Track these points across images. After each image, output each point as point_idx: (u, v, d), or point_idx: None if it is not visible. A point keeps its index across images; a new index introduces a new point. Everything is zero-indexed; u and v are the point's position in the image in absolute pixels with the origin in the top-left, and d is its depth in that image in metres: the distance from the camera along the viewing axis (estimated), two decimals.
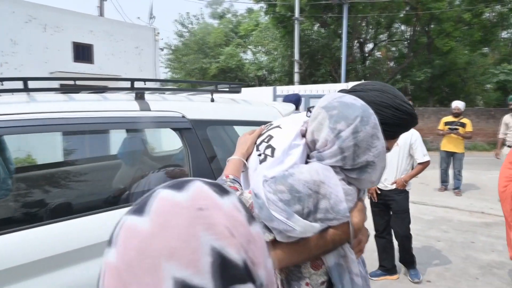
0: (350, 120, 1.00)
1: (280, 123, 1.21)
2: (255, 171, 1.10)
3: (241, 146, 1.20)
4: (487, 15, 16.35)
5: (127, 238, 0.39)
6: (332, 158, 1.02)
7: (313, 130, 1.07)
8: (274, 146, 1.10)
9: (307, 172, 0.99)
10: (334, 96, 1.08)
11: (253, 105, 2.47)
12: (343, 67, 10.38)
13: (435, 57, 17.33)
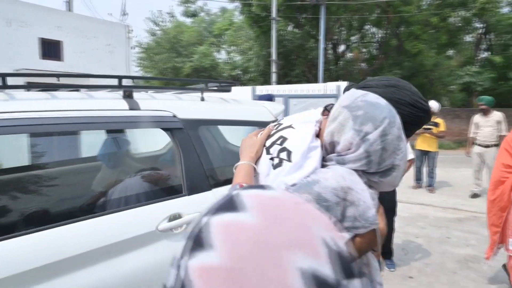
0: (378, 122, 0.93)
1: (291, 122, 1.11)
2: (267, 176, 1.01)
3: (249, 149, 1.09)
4: (452, 19, 17.09)
5: (231, 234, 0.36)
6: (357, 163, 0.94)
7: (333, 131, 0.98)
8: (290, 148, 1.01)
9: (333, 178, 0.91)
10: (357, 95, 0.99)
11: (243, 105, 2.42)
12: (321, 67, 10.50)
13: (404, 59, 17.91)
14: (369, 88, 1.08)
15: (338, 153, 0.98)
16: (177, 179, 1.95)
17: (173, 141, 1.95)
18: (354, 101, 0.97)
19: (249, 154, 1.07)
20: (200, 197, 1.94)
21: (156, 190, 2.03)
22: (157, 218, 1.77)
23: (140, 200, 1.81)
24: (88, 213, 1.65)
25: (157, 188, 2.06)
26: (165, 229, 1.77)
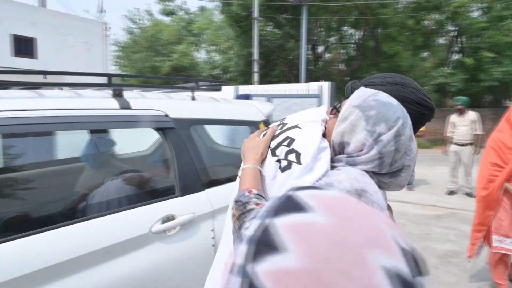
0: (392, 122, 0.90)
1: (295, 122, 1.05)
2: (273, 179, 0.96)
3: (253, 151, 1.03)
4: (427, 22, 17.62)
5: (305, 235, 0.34)
6: (368, 164, 0.91)
7: (343, 131, 0.94)
8: (298, 150, 0.96)
9: (346, 180, 0.87)
10: (368, 93, 0.96)
11: (234, 104, 2.40)
12: (303, 67, 10.58)
13: (381, 60, 18.32)
14: (374, 85, 1.05)
15: (348, 154, 0.95)
16: (170, 179, 1.91)
17: (165, 141, 1.90)
18: (365, 100, 0.94)
19: (253, 157, 1.01)
20: (193, 198, 1.91)
21: (148, 191, 1.98)
22: (150, 220, 1.72)
23: (132, 202, 1.75)
24: (79, 216, 1.58)
25: (149, 189, 2.01)
26: (159, 231, 1.73)
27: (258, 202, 0.89)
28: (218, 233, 1.95)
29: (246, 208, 0.87)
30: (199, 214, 1.89)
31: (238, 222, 0.87)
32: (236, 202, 0.91)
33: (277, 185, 0.95)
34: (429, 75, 17.78)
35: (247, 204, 0.87)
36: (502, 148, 2.78)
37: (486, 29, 16.80)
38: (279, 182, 0.94)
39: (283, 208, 0.37)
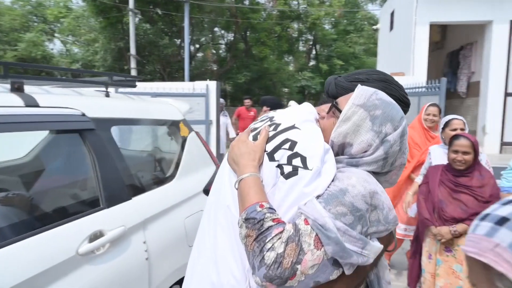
0: (397, 122, 0.89)
1: (291, 122, 0.94)
2: (273, 187, 0.86)
3: (248, 157, 0.90)
4: (291, 30, 19.56)
5: None
6: (373, 165, 0.88)
7: (346, 132, 0.90)
8: (303, 154, 0.86)
9: (359, 183, 0.82)
10: (370, 92, 0.92)
11: (151, 102, 2.21)
12: (186, 66, 10.32)
13: (252, 62, 19.47)
14: (361, 82, 1.02)
15: (351, 155, 0.91)
16: (92, 190, 1.63)
17: (84, 144, 1.61)
18: (369, 99, 0.90)
19: (250, 163, 0.88)
20: (121, 208, 1.68)
21: (67, 206, 1.63)
22: (75, 240, 1.43)
23: (50, 221, 1.42)
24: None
25: (66, 203, 1.66)
26: (87, 251, 1.45)
27: (273, 218, 0.79)
28: (150, 244, 1.76)
29: (263, 227, 0.77)
30: (129, 226, 1.66)
31: (257, 244, 0.76)
32: (247, 220, 0.79)
33: (280, 194, 0.85)
34: (293, 78, 19.81)
35: (263, 221, 0.78)
36: (410, 143, 3.17)
37: (336, 40, 19.74)
38: (283, 191, 0.85)
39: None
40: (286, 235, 0.76)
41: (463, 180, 2.45)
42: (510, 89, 6.86)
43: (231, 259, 0.89)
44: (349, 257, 0.76)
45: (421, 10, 7.03)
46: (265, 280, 0.74)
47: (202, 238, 1.01)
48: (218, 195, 0.98)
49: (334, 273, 0.77)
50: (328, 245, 0.75)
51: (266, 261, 0.74)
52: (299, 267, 0.74)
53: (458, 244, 2.40)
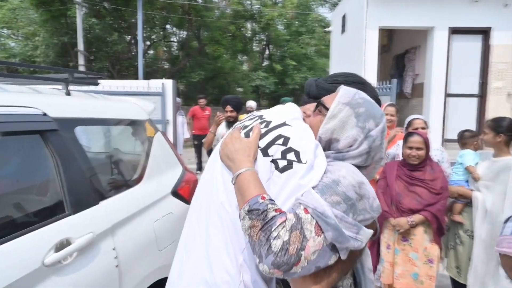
0: (378, 119, 0.97)
1: (282, 119, 1.00)
2: (268, 181, 0.90)
3: (243, 152, 0.93)
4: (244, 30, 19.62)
5: None
6: (357, 159, 0.95)
7: (333, 128, 0.96)
8: (296, 148, 0.91)
9: (349, 174, 0.88)
10: (353, 92, 0.99)
11: (115, 101, 2.11)
12: (140, 63, 9.90)
13: (206, 61, 19.25)
14: (340, 83, 1.07)
15: (338, 150, 0.97)
16: (56, 195, 1.51)
17: (46, 146, 1.49)
18: (353, 98, 0.97)
19: (246, 159, 0.92)
20: (88, 214, 1.58)
21: (29, 214, 1.50)
22: (40, 250, 1.33)
23: (9, 231, 1.30)
24: None
25: (28, 211, 1.52)
26: (53, 262, 1.35)
27: (275, 208, 0.83)
28: (120, 251, 1.68)
29: (268, 217, 0.80)
30: (98, 233, 1.57)
31: (263, 233, 0.79)
32: (251, 211, 0.82)
33: (276, 187, 0.89)
34: (247, 77, 19.89)
35: (267, 212, 0.81)
36: None
37: (289, 41, 20.14)
38: (279, 184, 0.89)
39: None
40: (289, 224, 0.79)
41: (417, 174, 2.63)
42: (449, 91, 7.48)
43: (224, 255, 0.91)
44: (346, 241, 0.81)
45: (371, 15, 7.41)
46: (273, 268, 0.77)
47: (191, 237, 1.02)
48: (210, 193, 0.99)
49: (332, 258, 0.82)
50: (328, 231, 0.79)
51: (273, 249, 0.77)
52: (303, 253, 0.78)
53: (414, 234, 2.57)
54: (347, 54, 9.07)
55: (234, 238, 0.91)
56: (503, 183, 2.48)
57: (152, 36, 19.83)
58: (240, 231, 0.87)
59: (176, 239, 2.15)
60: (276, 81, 19.50)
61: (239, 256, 0.90)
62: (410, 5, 7.34)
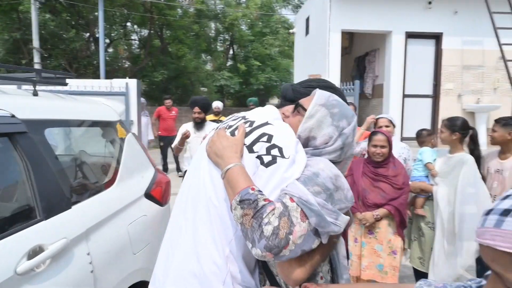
0: (350, 118, 1.08)
1: (264, 119, 1.09)
2: (254, 175, 0.98)
3: (231, 149, 1.01)
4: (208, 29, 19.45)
5: None
6: (332, 154, 1.05)
7: (311, 127, 1.06)
8: (279, 145, 1.00)
9: (327, 168, 0.98)
10: (327, 94, 1.10)
11: (85, 102, 2.05)
12: (102, 62, 9.49)
13: (169, 60, 18.88)
14: (313, 88, 1.17)
15: (315, 146, 1.07)
16: (26, 200, 1.45)
17: (15, 149, 1.43)
18: (328, 100, 1.09)
19: (234, 155, 0.99)
20: (60, 219, 1.53)
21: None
22: (12, 258, 1.27)
23: None
24: None
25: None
26: (26, 270, 1.30)
27: (264, 198, 0.90)
28: (95, 256, 1.64)
29: (258, 205, 0.88)
30: (71, 238, 1.53)
31: (255, 220, 0.86)
32: (242, 201, 0.89)
33: (262, 180, 0.97)
34: (211, 77, 19.74)
35: (257, 201, 0.89)
36: None
37: (253, 42, 20.22)
38: (264, 177, 0.97)
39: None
40: (278, 211, 0.88)
41: (381, 171, 2.77)
42: (406, 91, 7.91)
43: (212, 247, 0.97)
44: (327, 226, 0.90)
45: (333, 18, 7.65)
46: (265, 251, 0.85)
47: (177, 233, 1.07)
48: (197, 190, 1.05)
49: (315, 243, 0.91)
50: (312, 217, 0.89)
51: (265, 234, 0.85)
52: (291, 237, 0.86)
53: (379, 227, 2.72)
54: (311, 55, 9.31)
55: (221, 231, 0.97)
56: (458, 176, 2.69)
57: (112, 33, 19.12)
58: (227, 224, 0.96)
59: (150, 242, 2.15)
60: (241, 81, 19.51)
61: (225, 248, 0.97)
62: (370, 10, 7.67)
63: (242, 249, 0.98)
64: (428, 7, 7.69)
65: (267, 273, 1.05)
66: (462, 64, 7.87)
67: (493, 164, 2.81)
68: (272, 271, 1.04)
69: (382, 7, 7.67)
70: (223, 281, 0.96)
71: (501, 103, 7.81)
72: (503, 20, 6.90)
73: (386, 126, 3.17)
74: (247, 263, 1.01)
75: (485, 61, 7.86)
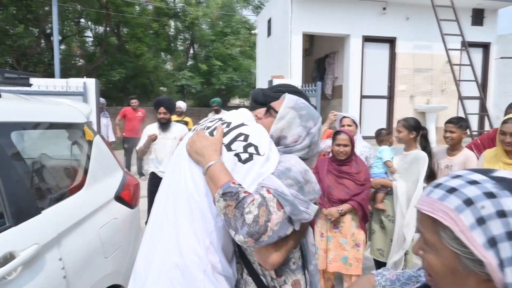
0: (316, 119, 1.22)
1: (239, 120, 1.19)
2: (232, 171, 1.07)
3: (211, 148, 1.09)
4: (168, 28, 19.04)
5: None
6: (301, 151, 1.18)
7: (282, 127, 1.18)
8: (255, 143, 1.10)
9: (296, 163, 1.11)
10: (295, 98, 1.23)
11: (51, 104, 1.99)
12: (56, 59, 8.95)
13: (127, 59, 18.27)
14: (282, 93, 1.30)
15: (286, 145, 1.19)
16: None
17: None
18: (296, 103, 1.21)
19: (214, 153, 1.08)
20: (31, 224, 1.49)
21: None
22: None
23: None
24: None
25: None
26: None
27: (244, 190, 1.00)
28: (67, 261, 1.60)
29: (240, 197, 0.98)
30: (43, 244, 1.48)
31: (238, 210, 0.96)
32: (224, 194, 0.98)
33: (239, 176, 1.06)
34: (172, 76, 19.37)
35: (239, 193, 0.98)
36: None
37: (214, 41, 20.12)
38: (242, 173, 1.07)
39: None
40: (257, 202, 0.98)
41: (344, 168, 2.93)
42: (364, 92, 8.31)
43: (193, 239, 1.05)
44: (300, 214, 1.02)
45: (295, 20, 7.85)
46: (247, 237, 0.95)
47: (157, 229, 1.13)
48: (177, 187, 1.12)
49: (289, 229, 1.03)
50: (286, 206, 1.00)
51: (247, 221, 0.95)
52: (269, 224, 0.97)
53: (343, 221, 2.86)
54: (274, 57, 9.46)
55: (202, 224, 1.05)
56: (415, 172, 2.91)
57: (64, 30, 18.14)
58: (207, 217, 1.05)
59: (121, 245, 2.12)
60: (202, 81, 19.34)
61: (206, 240, 1.05)
62: (329, 14, 7.96)
63: (221, 240, 1.06)
64: (383, 12, 8.12)
65: (245, 262, 1.14)
66: (413, 67, 8.40)
67: (443, 160, 3.07)
68: (249, 259, 1.14)
69: (341, 12, 8.00)
70: (204, 270, 1.03)
71: (448, 103, 8.44)
72: (450, 27, 7.47)
73: (349, 125, 3.34)
74: (225, 253, 1.09)
75: (434, 65, 8.45)
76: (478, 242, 0.56)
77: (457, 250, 0.59)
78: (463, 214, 0.58)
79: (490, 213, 0.56)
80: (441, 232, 0.61)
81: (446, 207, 0.60)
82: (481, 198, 0.58)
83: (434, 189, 0.64)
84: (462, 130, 2.96)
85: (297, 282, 1.14)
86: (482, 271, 0.56)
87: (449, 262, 0.60)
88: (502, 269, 0.54)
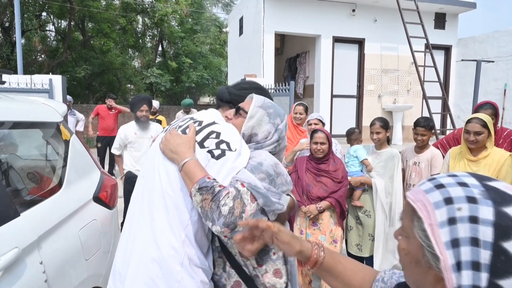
0: (282, 116, 1.31)
1: (210, 119, 1.25)
2: (206, 167, 1.12)
3: (185, 145, 1.14)
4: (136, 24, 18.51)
5: None
6: (271, 146, 1.27)
7: (253, 125, 1.26)
8: (227, 140, 1.17)
9: (267, 158, 1.19)
10: (263, 98, 1.32)
11: (23, 103, 1.90)
12: (19, 55, 8.42)
13: (92, 55, 17.61)
14: (247, 90, 1.39)
15: (257, 142, 1.27)
16: None
17: None
18: (264, 102, 1.30)
19: (188, 151, 1.13)
20: (10, 228, 1.42)
21: None
22: None
23: None
24: None
25: None
26: None
27: (219, 185, 1.06)
28: (48, 264, 1.54)
29: (215, 191, 1.04)
30: (23, 247, 1.42)
31: (214, 203, 1.02)
32: (201, 188, 1.04)
33: (213, 171, 1.12)
34: (140, 74, 18.87)
35: (214, 187, 1.04)
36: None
37: (183, 39, 19.79)
38: (216, 168, 1.13)
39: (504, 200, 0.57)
40: (232, 195, 1.04)
41: (322, 166, 3.00)
42: (334, 92, 8.52)
43: (169, 233, 1.09)
44: (273, 205, 1.10)
45: (267, 19, 7.90)
46: (223, 227, 1.01)
47: (134, 225, 1.17)
48: (152, 184, 1.16)
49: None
50: (260, 198, 1.07)
51: (223, 213, 1.01)
52: (244, 215, 1.03)
53: (322, 219, 2.94)
54: (246, 55, 9.48)
55: (177, 218, 1.09)
56: (391, 169, 3.04)
57: (25, 23, 17.16)
58: (182, 211, 1.09)
59: (101, 247, 2.07)
60: (172, 78, 18.99)
61: (182, 233, 1.08)
62: (301, 14, 8.09)
63: (197, 233, 1.11)
64: (352, 14, 8.36)
65: (227, 256, 1.19)
66: (381, 67, 8.72)
67: (411, 158, 3.23)
68: (231, 252, 1.19)
69: (312, 12, 8.15)
70: (181, 263, 1.07)
71: (413, 103, 8.84)
72: (415, 30, 7.82)
73: (315, 124, 3.43)
74: (201, 246, 1.13)
75: (400, 66, 8.81)
76: (441, 239, 0.57)
77: (422, 241, 0.60)
78: (439, 211, 0.59)
79: (463, 216, 0.57)
80: (415, 221, 0.63)
81: (427, 200, 0.62)
82: (461, 200, 0.58)
83: (427, 182, 0.67)
84: (430, 131, 3.13)
85: (278, 271, 1.20)
86: (438, 267, 0.58)
87: (415, 251, 0.63)
88: (458, 271, 0.55)
